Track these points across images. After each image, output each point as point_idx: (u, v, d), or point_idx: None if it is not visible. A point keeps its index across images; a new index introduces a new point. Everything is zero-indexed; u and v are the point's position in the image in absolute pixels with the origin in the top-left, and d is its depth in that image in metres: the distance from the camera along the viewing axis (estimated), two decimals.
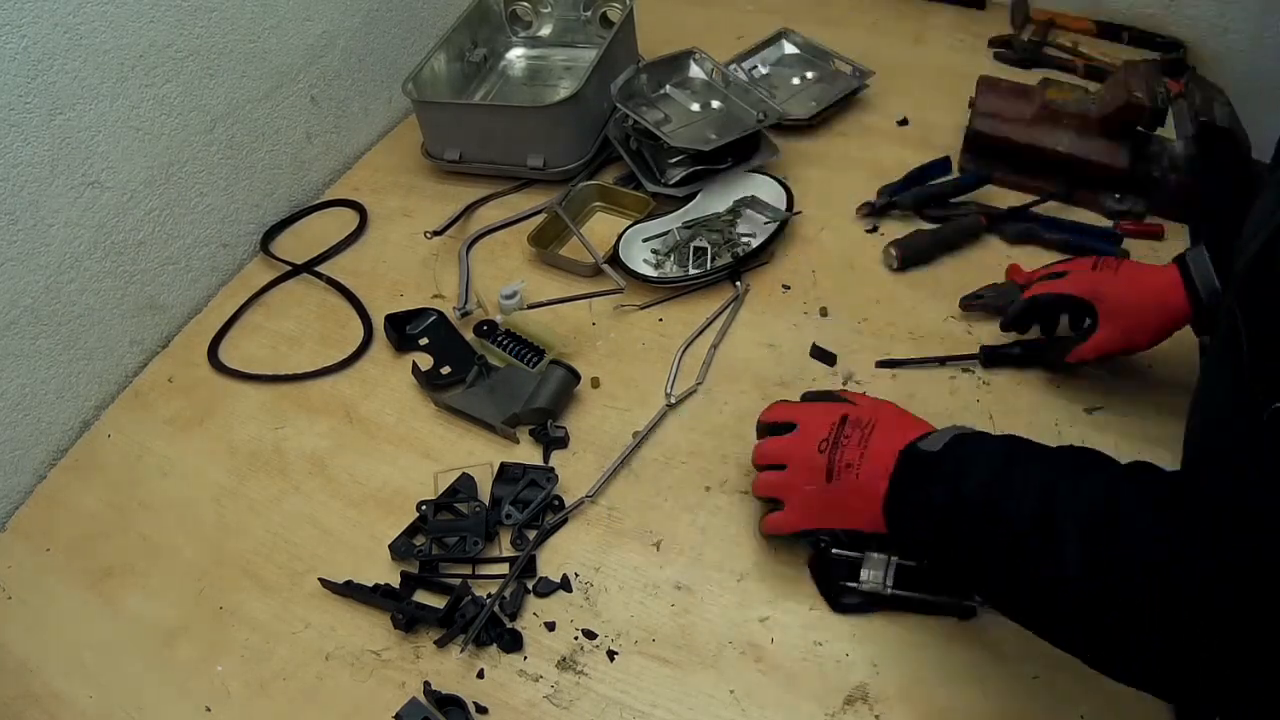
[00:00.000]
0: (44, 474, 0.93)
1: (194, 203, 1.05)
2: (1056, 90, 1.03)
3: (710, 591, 0.75)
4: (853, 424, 0.67)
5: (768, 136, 1.10)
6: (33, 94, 0.84)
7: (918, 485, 0.61)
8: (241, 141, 1.09)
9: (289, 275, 1.10)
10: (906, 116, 1.18)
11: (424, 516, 0.81)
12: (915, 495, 0.61)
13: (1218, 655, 0.45)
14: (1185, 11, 1.22)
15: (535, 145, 1.12)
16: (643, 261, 1.02)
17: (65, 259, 0.92)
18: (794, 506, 0.70)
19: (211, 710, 0.73)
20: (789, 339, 0.94)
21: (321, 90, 1.18)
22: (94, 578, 0.83)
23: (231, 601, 0.79)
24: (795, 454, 0.69)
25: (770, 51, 1.29)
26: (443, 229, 1.10)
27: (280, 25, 1.09)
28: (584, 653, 0.73)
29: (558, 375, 0.88)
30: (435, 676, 0.72)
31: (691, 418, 0.88)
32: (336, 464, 0.89)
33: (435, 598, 0.77)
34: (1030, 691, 0.67)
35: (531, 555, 0.78)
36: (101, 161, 0.93)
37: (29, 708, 0.74)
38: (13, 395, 0.89)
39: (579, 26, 1.32)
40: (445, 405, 0.91)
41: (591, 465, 0.85)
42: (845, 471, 0.65)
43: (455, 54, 1.24)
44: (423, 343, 0.98)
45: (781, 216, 1.01)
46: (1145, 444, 0.80)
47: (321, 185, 1.23)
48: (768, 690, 0.69)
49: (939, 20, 1.35)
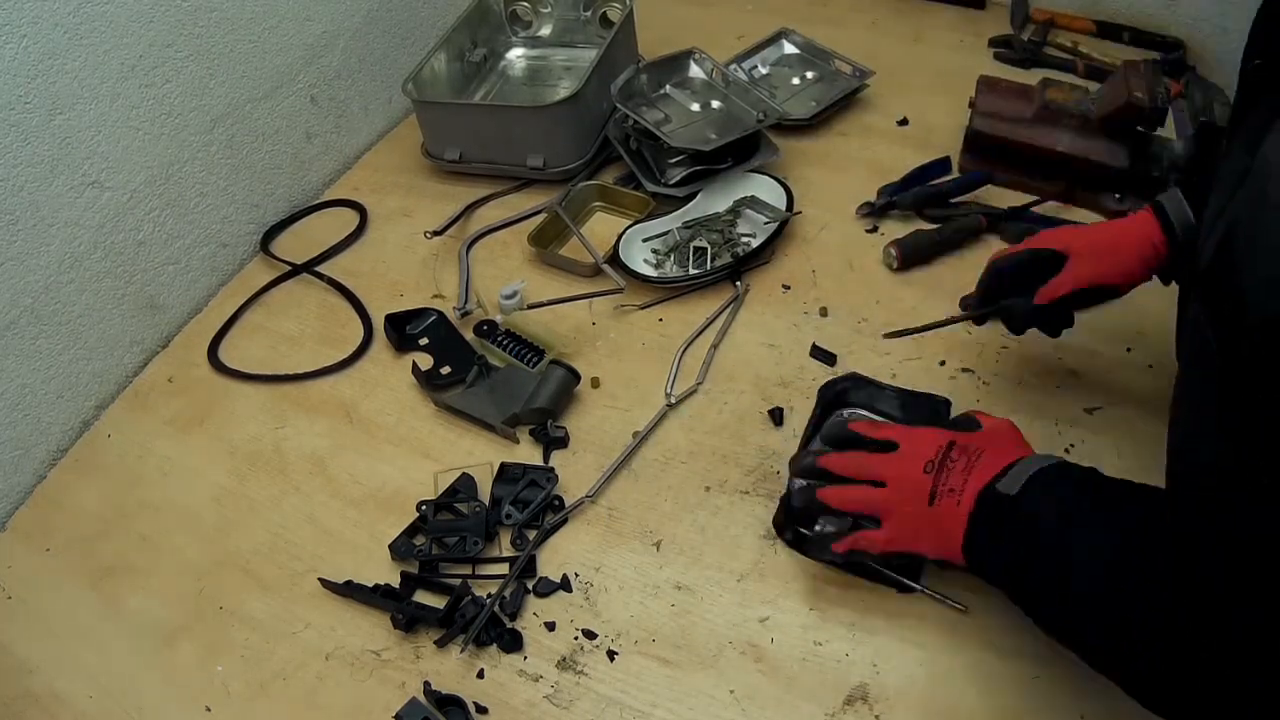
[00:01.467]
0: (44, 474, 0.93)
1: (194, 203, 1.05)
2: (1056, 90, 1.03)
3: (710, 591, 0.75)
4: (960, 449, 0.64)
5: (768, 136, 1.10)
6: (33, 94, 0.84)
7: (993, 533, 0.59)
8: (241, 141, 1.09)
9: (289, 275, 1.10)
10: (906, 116, 1.18)
11: (424, 516, 0.81)
12: (990, 545, 0.60)
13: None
14: (1185, 11, 1.22)
15: (535, 145, 1.12)
16: (643, 261, 1.02)
17: (65, 259, 0.92)
18: (891, 526, 0.65)
19: (211, 710, 0.73)
20: (789, 339, 0.94)
21: (321, 90, 1.18)
22: (94, 578, 0.83)
23: (231, 601, 0.79)
24: (898, 473, 0.65)
25: (770, 51, 1.29)
26: (443, 229, 1.10)
27: (280, 25, 1.09)
28: (584, 653, 0.73)
29: (558, 375, 0.88)
30: (435, 676, 0.72)
31: (691, 418, 0.88)
32: (336, 464, 0.89)
33: (435, 598, 0.77)
34: (1030, 691, 0.67)
35: (531, 555, 0.78)
36: (101, 161, 0.93)
37: (29, 708, 0.74)
38: (13, 395, 0.89)
39: (579, 26, 1.32)
40: (445, 405, 0.91)
41: (591, 465, 0.85)
42: (947, 496, 0.62)
43: (455, 54, 1.24)
44: (423, 343, 0.98)
45: (781, 216, 1.01)
46: (1145, 444, 0.80)
47: (321, 185, 1.23)
48: (768, 690, 0.69)
49: (939, 20, 1.35)
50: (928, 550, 0.65)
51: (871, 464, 0.67)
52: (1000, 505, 0.59)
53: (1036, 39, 1.26)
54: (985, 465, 0.62)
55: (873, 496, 0.66)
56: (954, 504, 0.61)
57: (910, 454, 0.66)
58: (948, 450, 0.64)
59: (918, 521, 0.64)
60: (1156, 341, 0.85)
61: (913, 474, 0.64)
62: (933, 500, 0.62)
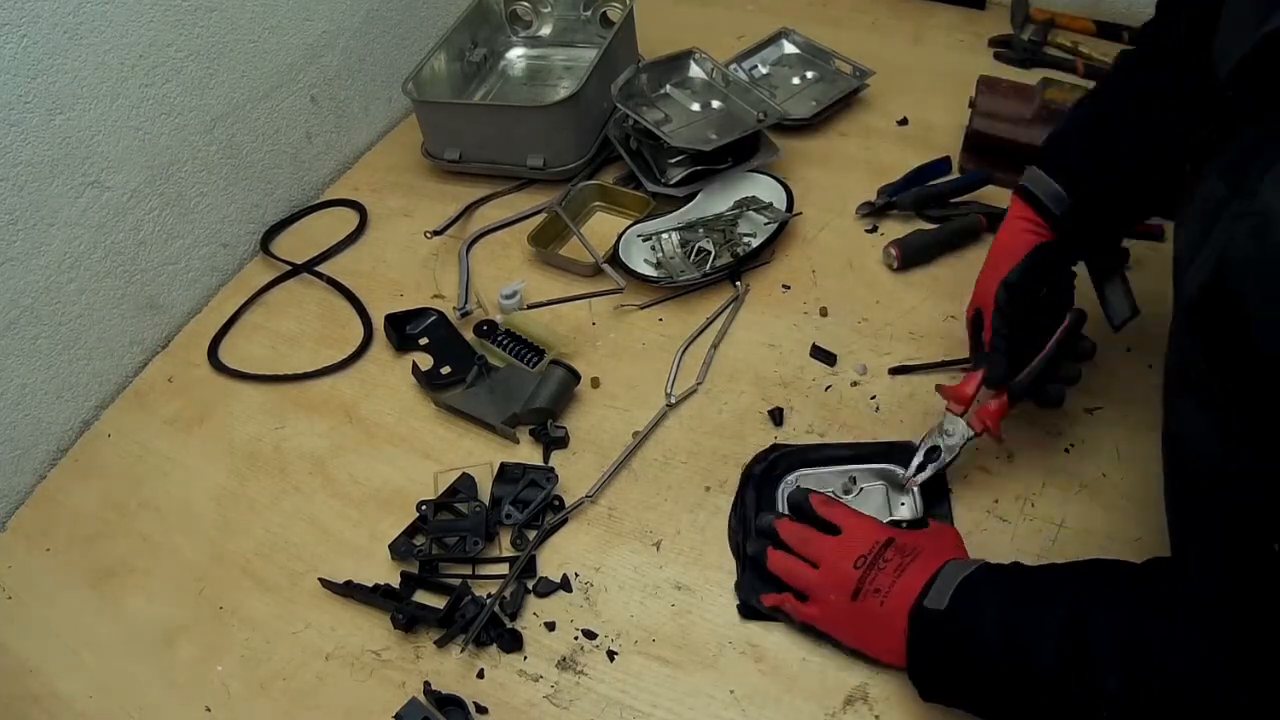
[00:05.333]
0: (44, 474, 0.93)
1: (194, 203, 1.05)
2: (1056, 90, 1.03)
3: (710, 591, 0.75)
4: (896, 549, 0.65)
5: (768, 136, 1.10)
6: (33, 94, 0.84)
7: (933, 647, 0.61)
8: (241, 141, 1.09)
9: (289, 275, 1.10)
10: (906, 116, 1.18)
11: (424, 516, 0.81)
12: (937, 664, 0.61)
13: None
14: None
15: (535, 145, 1.12)
16: (643, 261, 1.02)
17: (65, 259, 0.92)
18: (815, 607, 0.68)
19: (211, 710, 0.73)
20: (789, 339, 0.94)
21: (321, 90, 1.18)
22: (94, 578, 0.83)
23: (231, 601, 0.79)
24: (830, 558, 0.68)
25: (770, 51, 1.29)
26: (443, 229, 1.11)
27: (280, 25, 1.09)
28: (584, 653, 0.73)
29: (558, 375, 0.88)
30: (435, 676, 0.72)
31: (691, 418, 0.88)
32: (336, 464, 0.89)
33: (435, 598, 0.77)
34: None
35: (531, 555, 0.78)
36: (101, 161, 0.93)
37: (29, 708, 0.75)
38: (12, 395, 0.89)
39: (579, 26, 1.32)
40: (445, 405, 0.91)
41: (591, 465, 0.85)
42: (871, 596, 0.64)
43: (455, 54, 1.24)
44: (423, 343, 0.98)
45: (781, 217, 1.01)
46: (1145, 443, 0.80)
47: (321, 185, 1.23)
48: (768, 690, 0.69)
49: (939, 20, 1.35)
50: (847, 641, 0.67)
51: (812, 543, 0.70)
52: (934, 622, 0.60)
53: (1036, 39, 1.26)
54: (916, 569, 0.63)
55: (808, 576, 0.68)
56: (877, 604, 0.63)
57: (846, 544, 0.68)
58: (884, 548, 0.66)
59: (839, 612, 0.66)
60: (1157, 341, 0.85)
61: (843, 565, 0.66)
62: (856, 596, 0.65)
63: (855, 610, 0.65)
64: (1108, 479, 0.78)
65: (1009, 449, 0.80)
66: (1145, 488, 0.76)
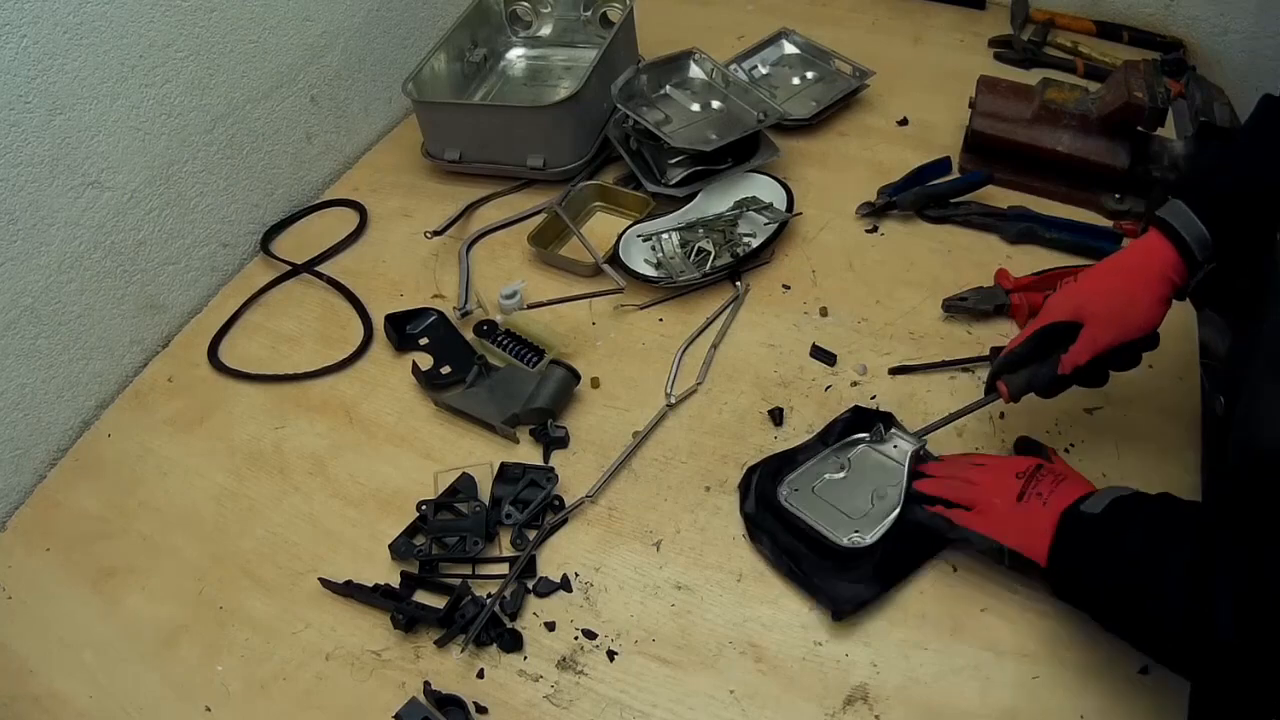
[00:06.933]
0: (44, 474, 0.93)
1: (194, 203, 1.05)
2: (1056, 90, 1.03)
3: (710, 591, 0.75)
4: (1048, 470, 0.71)
5: (768, 136, 1.10)
6: (33, 94, 0.84)
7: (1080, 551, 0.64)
8: (241, 141, 1.09)
9: (289, 275, 1.10)
10: (906, 116, 1.18)
11: (424, 516, 0.81)
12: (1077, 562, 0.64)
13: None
14: (1185, 11, 1.22)
15: (535, 145, 1.12)
16: (643, 261, 1.02)
17: (65, 259, 0.92)
18: (980, 513, 0.71)
19: (211, 710, 0.73)
20: (789, 339, 0.94)
21: (321, 90, 1.18)
22: (94, 578, 0.83)
23: (231, 601, 0.79)
24: (992, 474, 0.73)
25: (770, 51, 1.29)
26: (443, 229, 1.10)
27: (280, 25, 1.09)
28: (584, 653, 0.73)
29: (558, 375, 0.88)
30: (435, 676, 0.72)
31: (691, 418, 0.88)
32: (336, 464, 0.89)
33: (435, 598, 0.77)
34: (1030, 691, 0.67)
35: (531, 555, 0.78)
36: (101, 161, 0.93)
37: (29, 708, 0.74)
38: (13, 395, 0.89)
39: (579, 26, 1.32)
40: (445, 405, 0.91)
41: (591, 465, 0.85)
42: (1034, 499, 0.68)
43: (455, 54, 1.24)
44: (423, 343, 0.98)
45: (782, 217, 1.01)
46: (1145, 444, 0.80)
47: (321, 185, 1.23)
48: (768, 690, 0.69)
49: (939, 20, 1.35)
50: (1009, 542, 0.69)
51: (970, 469, 0.75)
52: (1084, 524, 0.64)
53: (1036, 39, 1.26)
54: (1071, 483, 0.69)
55: (972, 490, 0.73)
56: (1040, 505, 0.67)
57: (1005, 464, 0.74)
58: (1037, 469, 0.71)
59: (1005, 515, 0.69)
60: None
61: (1006, 477, 0.71)
62: (1021, 498, 0.69)
63: (1019, 511, 0.68)
64: (1108, 479, 0.78)
65: (1009, 449, 0.81)
66: (1144, 487, 0.75)
